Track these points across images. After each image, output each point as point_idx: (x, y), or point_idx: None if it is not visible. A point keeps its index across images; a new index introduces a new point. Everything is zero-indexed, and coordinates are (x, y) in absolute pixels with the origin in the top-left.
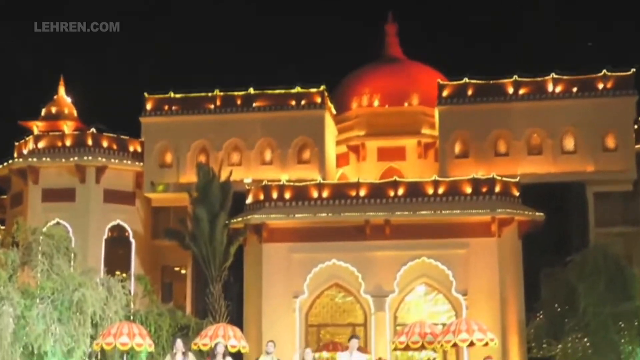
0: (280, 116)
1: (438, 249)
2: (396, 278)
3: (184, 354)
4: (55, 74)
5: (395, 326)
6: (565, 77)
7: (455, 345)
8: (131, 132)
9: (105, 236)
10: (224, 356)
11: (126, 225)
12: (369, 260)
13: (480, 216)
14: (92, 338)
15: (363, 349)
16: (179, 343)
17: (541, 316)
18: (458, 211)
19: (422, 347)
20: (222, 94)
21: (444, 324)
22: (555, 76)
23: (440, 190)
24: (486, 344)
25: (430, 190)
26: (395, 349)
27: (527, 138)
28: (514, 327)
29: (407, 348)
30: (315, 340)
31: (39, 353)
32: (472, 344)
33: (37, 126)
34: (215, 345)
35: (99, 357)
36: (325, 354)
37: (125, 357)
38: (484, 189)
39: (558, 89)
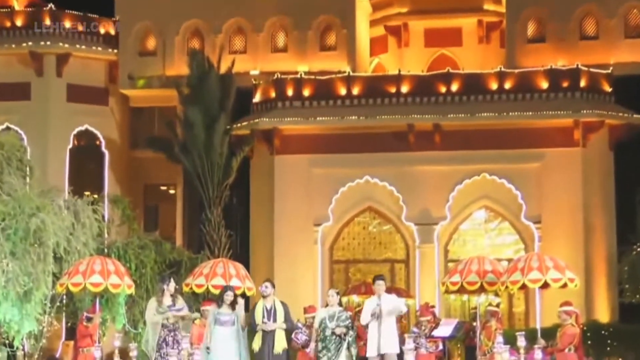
0: None
1: (503, 162)
2: (448, 200)
3: (173, 296)
4: None
5: (446, 263)
6: None
7: (524, 287)
8: (102, 9)
9: (70, 145)
10: (232, 304)
11: (97, 132)
12: (413, 177)
13: (559, 119)
14: (56, 277)
15: (404, 291)
16: (171, 283)
17: (638, 250)
18: (530, 113)
19: (481, 290)
20: None
21: (509, 260)
22: None
23: (507, 86)
24: (564, 285)
25: (494, 85)
26: (447, 291)
27: (623, 15)
28: (601, 264)
29: (461, 291)
30: (342, 281)
31: None
32: (545, 285)
33: None
34: (225, 290)
35: (64, 300)
36: (355, 298)
37: (97, 301)
38: (565, 84)
39: None
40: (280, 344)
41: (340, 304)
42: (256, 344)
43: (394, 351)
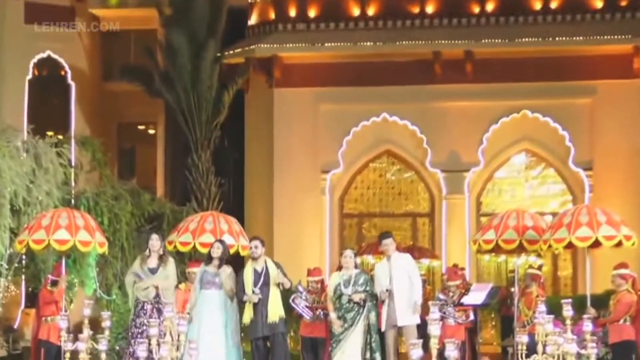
0: None
1: (548, 97)
2: (482, 143)
3: (162, 257)
4: None
5: (478, 217)
6: None
7: (571, 245)
8: None
9: (29, 76)
10: (221, 261)
11: (61, 60)
12: (440, 115)
13: (615, 45)
14: (13, 233)
15: (427, 251)
16: (154, 240)
17: None
18: (580, 38)
19: (520, 250)
20: None
21: (554, 214)
22: None
23: (553, 5)
24: (619, 243)
25: (537, 5)
26: (479, 251)
27: None
28: None
29: (496, 250)
30: (354, 239)
31: None
32: (597, 243)
33: None
34: (214, 243)
35: (23, 261)
36: (370, 259)
37: (64, 262)
38: (623, 2)
39: None
40: (275, 311)
41: (356, 266)
42: (247, 316)
43: (413, 322)
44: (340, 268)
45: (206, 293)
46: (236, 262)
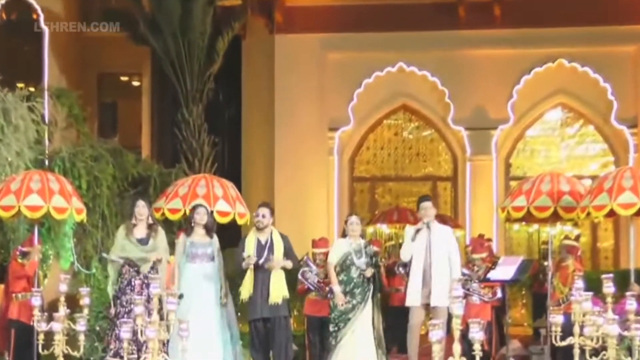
0: None
1: (587, 44)
2: (511, 97)
3: (151, 226)
4: None
5: (507, 181)
6: None
7: (612, 213)
8: None
9: None
10: (207, 229)
11: (33, 1)
12: (464, 64)
13: None
14: None
15: (450, 219)
16: (142, 207)
17: None
18: None
19: (555, 218)
20: None
21: (593, 178)
22: None
23: None
24: None
25: None
26: (508, 219)
27: None
28: None
29: (527, 219)
30: (366, 205)
31: None
32: None
33: None
34: (194, 208)
35: None
36: (384, 228)
37: (36, 231)
38: None
39: None
40: (278, 290)
41: (362, 236)
42: (245, 290)
43: (446, 304)
44: (344, 236)
45: (194, 267)
46: (232, 231)
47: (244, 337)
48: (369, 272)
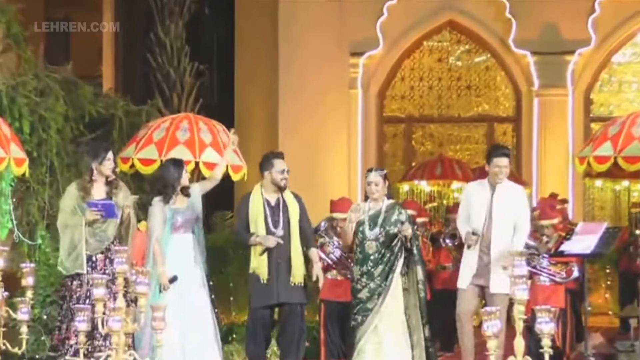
0: None
1: None
2: (593, 11)
3: (112, 184)
4: None
5: (587, 123)
6: None
7: None
8: None
9: None
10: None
11: None
12: None
13: None
14: None
15: (511, 174)
16: (107, 160)
17: None
18: None
19: None
20: None
21: None
22: None
23: None
24: None
25: None
26: (588, 174)
27: None
28: None
29: (614, 173)
30: (400, 155)
31: None
32: None
33: None
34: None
35: None
36: (424, 186)
37: None
38: None
39: None
40: (299, 270)
41: (389, 196)
42: (263, 269)
43: (507, 291)
44: (366, 199)
45: (181, 238)
46: (225, 190)
47: (236, 329)
48: (408, 230)
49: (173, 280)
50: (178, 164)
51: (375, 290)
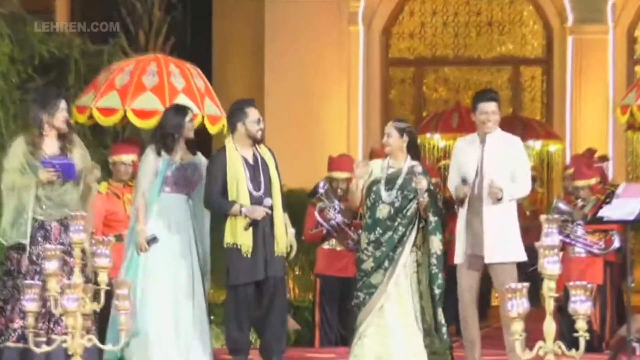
0: None
1: None
2: None
3: (65, 136)
4: None
5: (631, 66)
6: None
7: None
8: None
9: None
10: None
11: None
12: None
13: None
14: None
15: (540, 126)
16: (60, 110)
17: None
18: None
19: None
20: None
21: None
22: None
23: None
24: None
25: None
26: (631, 126)
27: None
28: None
29: None
30: (409, 103)
31: None
32: None
33: None
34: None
35: None
36: (437, 139)
37: None
38: None
39: None
40: (283, 238)
41: (415, 156)
42: (246, 241)
43: (512, 259)
44: (385, 156)
45: (172, 198)
46: (202, 144)
47: (215, 310)
48: (423, 183)
49: (152, 240)
50: (181, 110)
51: (382, 260)
